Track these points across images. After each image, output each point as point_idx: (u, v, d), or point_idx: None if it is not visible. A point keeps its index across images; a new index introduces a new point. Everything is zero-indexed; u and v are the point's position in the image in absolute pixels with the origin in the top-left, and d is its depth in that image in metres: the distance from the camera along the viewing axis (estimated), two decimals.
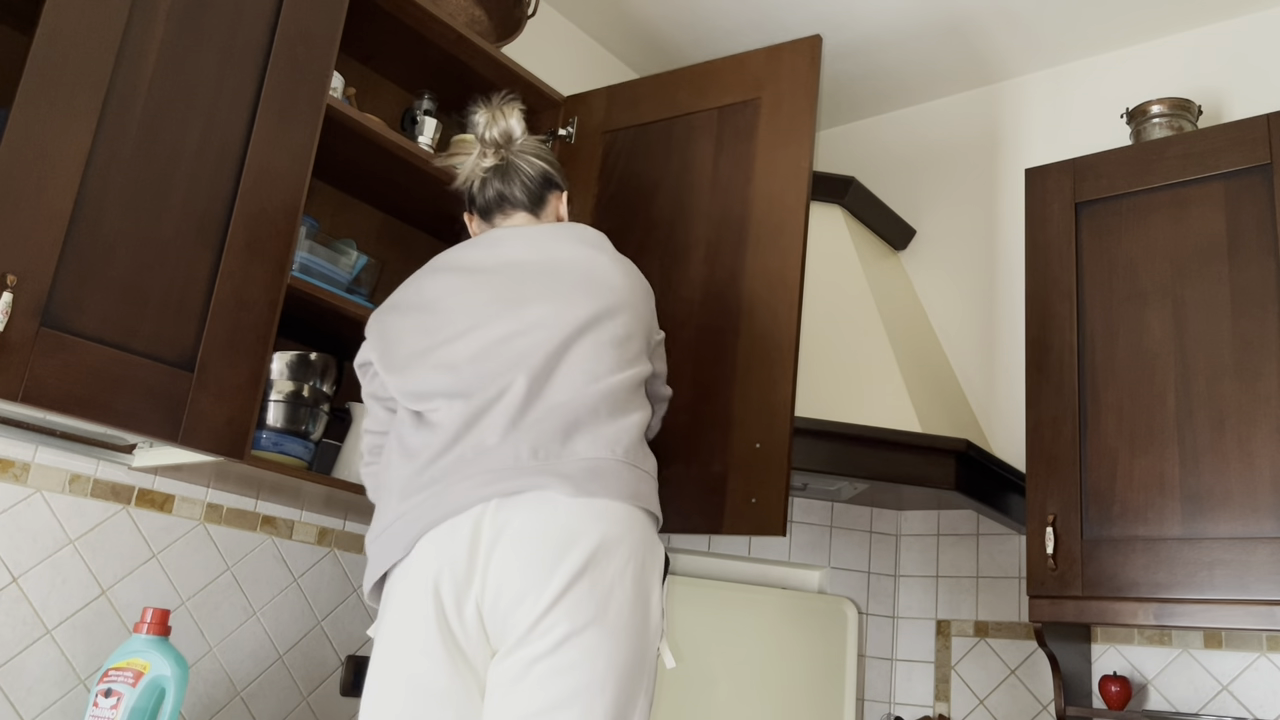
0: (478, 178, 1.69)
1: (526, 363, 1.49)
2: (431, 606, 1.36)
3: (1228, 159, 2.17)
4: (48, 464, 1.78)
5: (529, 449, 1.45)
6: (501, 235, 1.63)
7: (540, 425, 1.47)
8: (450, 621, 1.36)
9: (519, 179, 1.69)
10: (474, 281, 1.57)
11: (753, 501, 1.84)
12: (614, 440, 1.49)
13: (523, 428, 1.46)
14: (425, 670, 1.35)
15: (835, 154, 3.44)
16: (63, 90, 1.46)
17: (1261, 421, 2.00)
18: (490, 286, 1.56)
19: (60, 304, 1.44)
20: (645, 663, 1.39)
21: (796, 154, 2.00)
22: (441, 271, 1.61)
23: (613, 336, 1.55)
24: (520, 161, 1.70)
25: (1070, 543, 2.13)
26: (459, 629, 1.36)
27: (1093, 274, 2.29)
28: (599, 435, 1.49)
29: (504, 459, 1.43)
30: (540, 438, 1.46)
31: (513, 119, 1.69)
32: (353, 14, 2.14)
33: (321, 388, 1.88)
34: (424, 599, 1.37)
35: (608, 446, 1.48)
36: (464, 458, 1.43)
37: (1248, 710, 2.22)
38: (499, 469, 1.42)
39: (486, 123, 1.68)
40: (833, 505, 2.78)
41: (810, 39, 2.06)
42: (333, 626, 2.20)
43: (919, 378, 2.63)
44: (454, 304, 1.56)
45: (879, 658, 2.73)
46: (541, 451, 1.45)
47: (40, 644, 1.74)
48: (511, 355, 1.49)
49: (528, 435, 1.46)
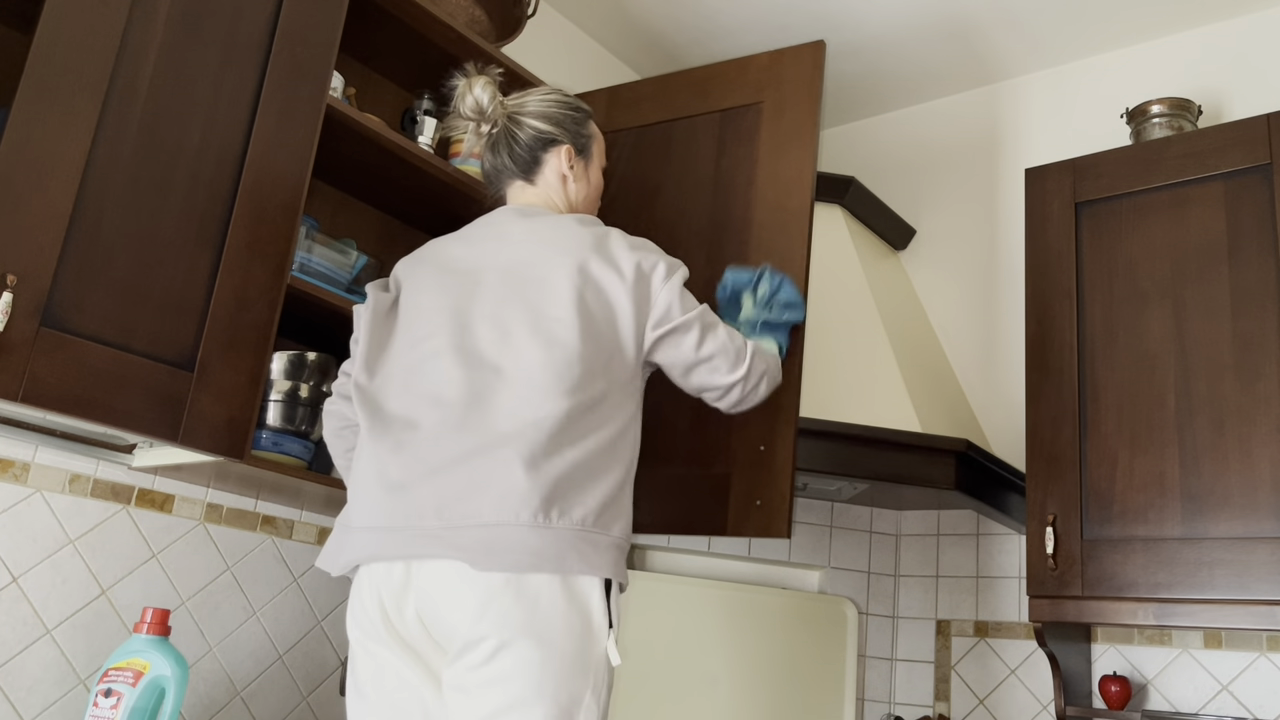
0: (475, 148, 1.71)
1: (441, 393, 1.45)
2: (378, 612, 1.41)
3: (1228, 159, 2.17)
4: (48, 464, 1.78)
5: (434, 506, 1.38)
6: (482, 231, 1.63)
7: (447, 476, 1.39)
8: (394, 624, 1.41)
9: (507, 147, 1.69)
10: (439, 283, 1.57)
11: (757, 504, 1.84)
12: (527, 496, 1.36)
13: (432, 475, 1.40)
14: (386, 661, 1.41)
15: (835, 154, 3.44)
16: (63, 90, 1.46)
17: (1261, 421, 2.00)
18: (449, 292, 1.56)
19: (60, 304, 1.44)
20: (588, 663, 1.36)
21: (800, 159, 2.00)
22: (425, 263, 1.62)
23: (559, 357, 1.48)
24: (512, 126, 1.69)
25: (1070, 543, 2.13)
26: (404, 630, 1.41)
27: (1093, 274, 2.29)
28: (509, 490, 1.36)
29: (410, 513, 1.39)
30: (446, 492, 1.38)
31: (477, 88, 1.66)
32: (353, 14, 2.14)
33: (322, 388, 1.88)
34: (371, 607, 1.42)
35: (516, 506, 1.35)
36: (390, 498, 1.41)
37: (1248, 710, 2.22)
38: (406, 528, 1.39)
39: (459, 96, 1.68)
40: (833, 505, 2.78)
41: (814, 44, 2.06)
42: (333, 626, 2.20)
43: (919, 378, 2.63)
44: (421, 304, 1.56)
45: (879, 658, 2.73)
46: (446, 511, 1.37)
47: (40, 644, 1.74)
48: (432, 381, 1.47)
49: (434, 487, 1.39)
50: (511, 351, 1.45)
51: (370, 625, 1.41)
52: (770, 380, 1.68)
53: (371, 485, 1.43)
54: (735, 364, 1.60)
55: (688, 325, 1.55)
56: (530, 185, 1.70)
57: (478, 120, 1.68)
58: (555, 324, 1.47)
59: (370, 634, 1.41)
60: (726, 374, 1.60)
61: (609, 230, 1.59)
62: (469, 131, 1.70)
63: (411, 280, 1.61)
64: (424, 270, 1.60)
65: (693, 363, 1.58)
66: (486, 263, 1.56)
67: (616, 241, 1.56)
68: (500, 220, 1.64)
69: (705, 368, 1.59)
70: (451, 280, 1.56)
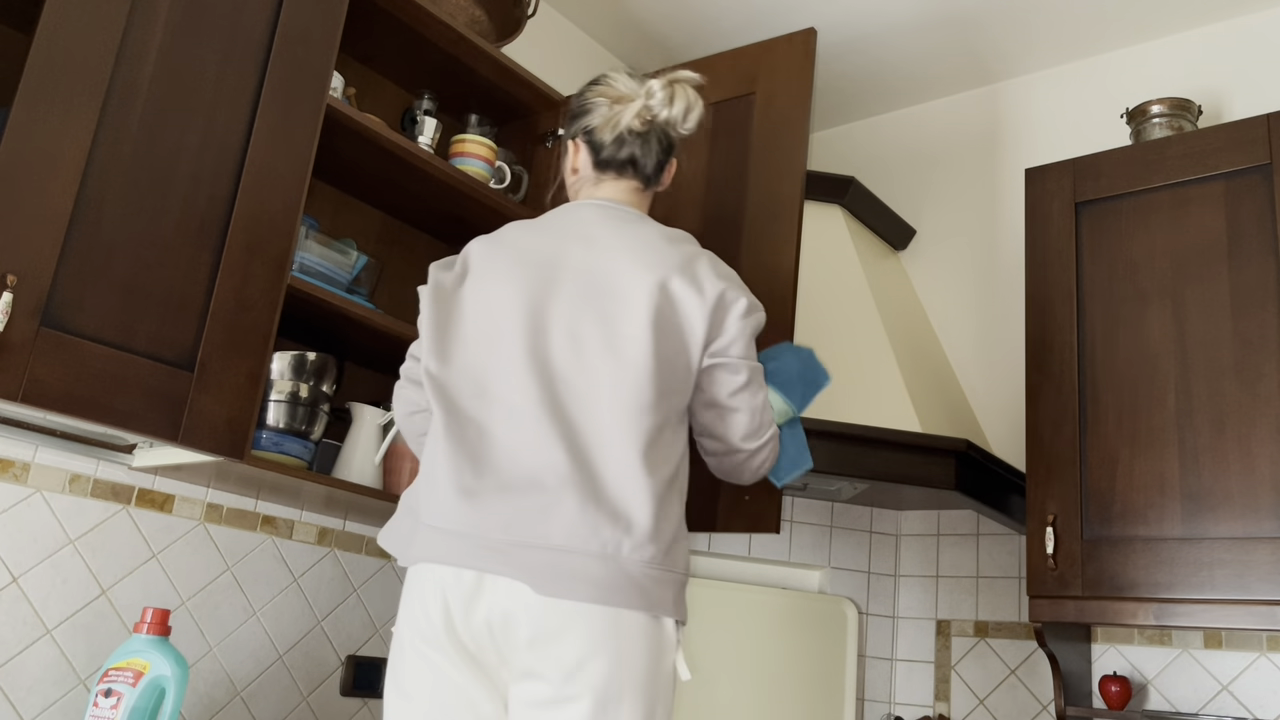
0: (618, 129, 1.59)
1: (516, 404, 1.41)
2: (440, 617, 1.35)
3: (1228, 159, 2.17)
4: (48, 464, 1.78)
5: (502, 521, 1.34)
6: (563, 224, 1.55)
7: (517, 494, 1.36)
8: (458, 630, 1.35)
9: (655, 150, 1.62)
10: (516, 275, 1.49)
11: (745, 499, 1.84)
12: (596, 525, 1.34)
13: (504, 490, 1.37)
14: (440, 667, 1.36)
15: (835, 154, 3.44)
16: (63, 90, 1.46)
17: (1261, 422, 2.00)
18: (525, 288, 1.48)
19: (60, 304, 1.44)
20: (661, 677, 1.36)
21: (790, 147, 1.99)
22: (503, 248, 1.53)
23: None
24: (670, 133, 1.63)
25: (1070, 543, 2.13)
26: (468, 637, 1.35)
27: (1093, 274, 2.29)
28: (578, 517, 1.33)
29: (479, 523, 1.35)
30: (518, 509, 1.35)
31: (695, 112, 1.61)
32: (353, 14, 2.14)
33: (321, 388, 1.88)
34: (435, 610, 1.36)
35: (589, 533, 1.33)
36: (462, 504, 1.37)
37: (1248, 710, 2.22)
38: (474, 536, 1.34)
39: (665, 100, 1.58)
40: (833, 505, 2.77)
41: (804, 32, 2.06)
42: (333, 626, 2.20)
43: (919, 378, 2.63)
44: (495, 295, 1.48)
45: (879, 658, 2.72)
46: (514, 528, 1.34)
47: (40, 644, 1.74)
48: (507, 389, 1.43)
49: (504, 502, 1.36)
50: (586, 368, 1.42)
51: (429, 629, 1.35)
52: (764, 472, 1.62)
53: (446, 486, 1.38)
54: (752, 434, 1.54)
55: (738, 368, 1.51)
56: (640, 189, 1.64)
57: (652, 121, 1.61)
58: (627, 342, 1.43)
59: (427, 638, 1.35)
60: (739, 437, 1.54)
61: (701, 252, 1.55)
62: (629, 107, 1.59)
63: (487, 264, 1.52)
64: (501, 257, 1.52)
65: (717, 403, 1.52)
66: (566, 262, 1.50)
67: (705, 265, 1.52)
68: (587, 218, 1.56)
69: (726, 415, 1.53)
70: (528, 274, 1.49)
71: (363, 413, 1.98)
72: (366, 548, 2.28)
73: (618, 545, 1.33)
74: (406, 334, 1.99)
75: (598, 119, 1.61)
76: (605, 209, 1.58)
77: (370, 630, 2.27)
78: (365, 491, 1.87)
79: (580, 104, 1.65)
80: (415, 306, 2.39)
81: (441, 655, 1.35)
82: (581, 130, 1.64)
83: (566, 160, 1.69)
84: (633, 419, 1.39)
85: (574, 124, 1.66)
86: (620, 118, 1.59)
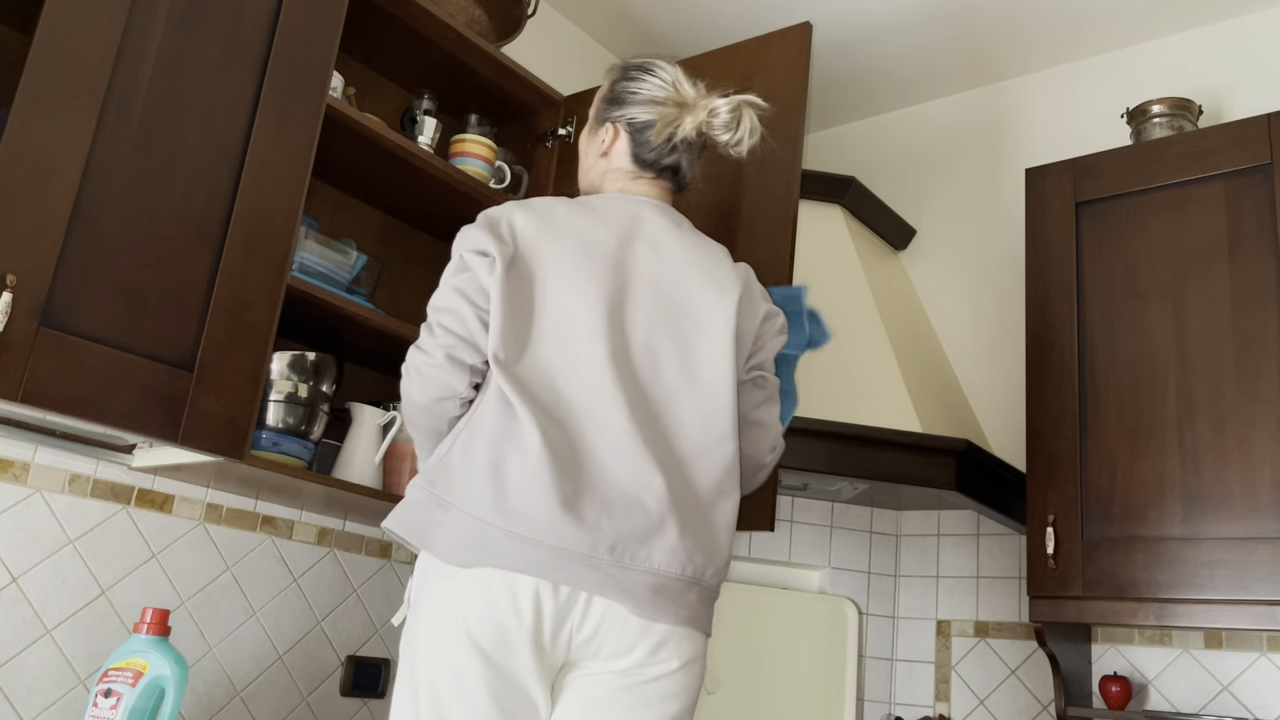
0: (674, 138, 1.55)
1: (608, 418, 1.35)
2: (530, 627, 1.28)
3: (1228, 159, 2.17)
4: (48, 464, 1.78)
5: (608, 542, 1.30)
6: (621, 217, 1.48)
7: (620, 514, 1.31)
8: (544, 643, 1.30)
9: (698, 162, 1.61)
10: (587, 268, 1.41)
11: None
12: (692, 552, 1.34)
13: (608, 509, 1.31)
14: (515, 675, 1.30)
15: (835, 154, 3.44)
16: (63, 90, 1.46)
17: (1261, 421, 2.00)
18: (600, 286, 1.41)
19: (60, 304, 1.44)
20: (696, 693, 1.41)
21: (786, 143, 1.99)
22: (563, 234, 1.44)
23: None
24: (710, 144, 1.61)
25: (1070, 543, 2.13)
26: (552, 650, 1.32)
27: (1093, 274, 2.29)
28: (677, 542, 1.32)
29: (584, 542, 1.28)
30: (621, 530, 1.31)
31: (754, 139, 1.57)
32: (353, 14, 2.14)
33: (321, 388, 1.88)
34: (528, 617, 1.28)
35: (685, 557, 1.33)
36: (564, 519, 1.29)
37: (1248, 710, 2.22)
38: (578, 555, 1.28)
39: (729, 123, 1.55)
40: (833, 505, 2.77)
41: (800, 27, 2.05)
42: (333, 626, 2.20)
43: (919, 378, 2.63)
44: (568, 288, 1.39)
45: (879, 658, 2.72)
46: (619, 550, 1.30)
47: (40, 644, 1.74)
48: (595, 397, 1.35)
49: (610, 521, 1.30)
50: (667, 386, 1.40)
51: (505, 637, 1.27)
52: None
53: (542, 494, 1.28)
54: (774, 448, 1.57)
55: (766, 383, 1.53)
56: (674, 193, 1.62)
57: (701, 140, 1.58)
58: (705, 366, 1.41)
59: (503, 645, 1.27)
60: (765, 451, 1.56)
61: (747, 268, 1.57)
62: (691, 116, 1.55)
63: (547, 248, 1.43)
64: (563, 243, 1.43)
65: (747, 419, 1.51)
66: (635, 266, 1.45)
67: (756, 284, 1.55)
68: (646, 219, 1.50)
69: (752, 431, 1.52)
70: (602, 273, 1.41)
71: (363, 413, 1.98)
72: (366, 548, 2.28)
73: (703, 570, 1.36)
74: (406, 334, 1.98)
75: (650, 115, 1.55)
76: (662, 211, 1.53)
77: (370, 630, 2.27)
78: (365, 491, 1.87)
79: (629, 92, 1.58)
80: (415, 307, 2.39)
81: (517, 664, 1.28)
82: (625, 120, 1.57)
83: (595, 140, 1.62)
84: (717, 445, 1.40)
85: (617, 109, 1.59)
86: (679, 125, 1.55)
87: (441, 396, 1.40)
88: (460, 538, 1.29)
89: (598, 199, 1.53)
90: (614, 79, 1.63)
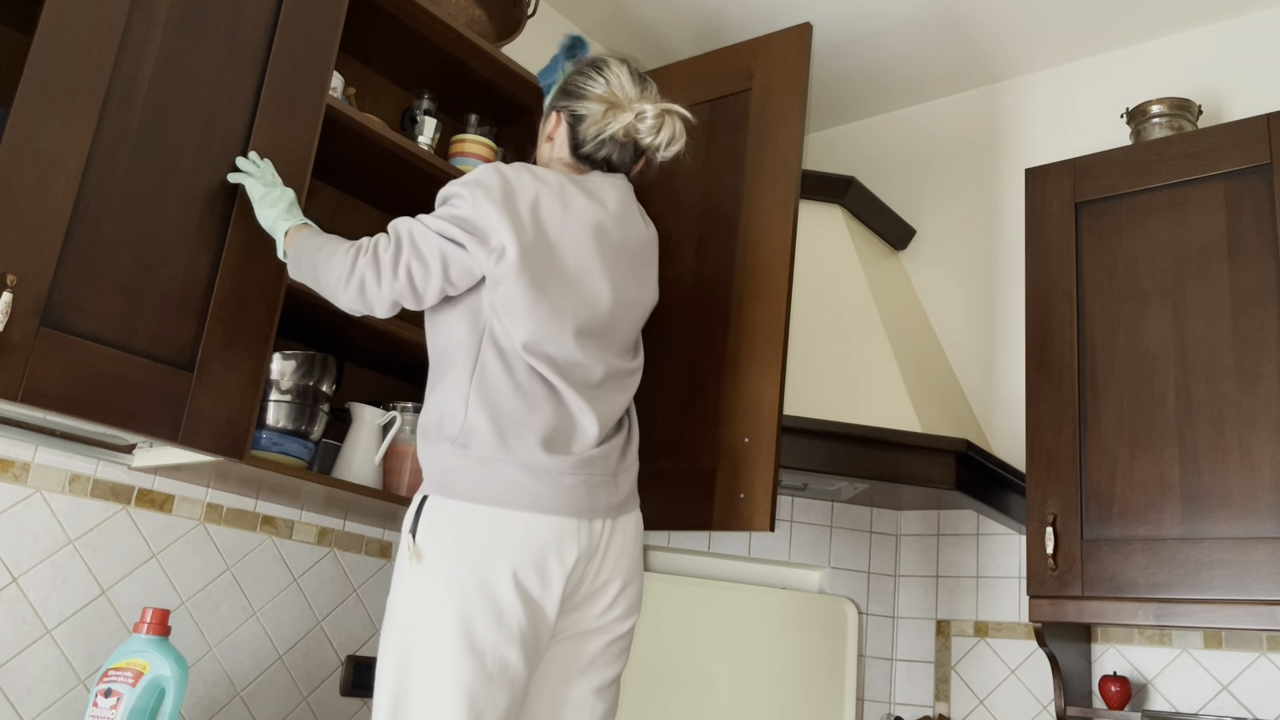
0: (602, 135, 1.66)
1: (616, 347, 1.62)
2: (569, 575, 1.47)
3: (1228, 159, 2.17)
4: (48, 464, 1.78)
5: (617, 458, 1.59)
6: (618, 207, 1.66)
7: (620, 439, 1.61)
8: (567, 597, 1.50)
9: (630, 156, 1.71)
10: (604, 258, 1.61)
11: (741, 497, 1.84)
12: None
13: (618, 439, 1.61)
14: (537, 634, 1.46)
15: (835, 154, 3.44)
16: (63, 90, 1.46)
17: (1261, 421, 2.00)
18: (614, 274, 1.62)
19: (60, 304, 1.44)
20: None
21: (786, 143, 1.99)
22: (579, 221, 1.59)
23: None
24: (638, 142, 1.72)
25: (1070, 543, 2.13)
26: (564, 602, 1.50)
27: (1093, 274, 2.29)
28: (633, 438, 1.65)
29: (609, 467, 1.55)
30: (617, 449, 1.59)
31: (676, 146, 1.67)
32: (353, 14, 2.14)
33: (321, 388, 1.88)
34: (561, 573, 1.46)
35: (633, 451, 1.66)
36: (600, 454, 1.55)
37: (1248, 710, 2.22)
38: (608, 477, 1.54)
39: (652, 128, 1.65)
40: (833, 505, 2.78)
41: (800, 27, 2.05)
42: (333, 626, 2.20)
43: (919, 378, 2.63)
44: (591, 274, 1.59)
45: (879, 658, 2.73)
46: (623, 463, 1.59)
47: (40, 644, 1.74)
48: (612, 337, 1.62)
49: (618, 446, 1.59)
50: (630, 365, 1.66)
51: (565, 583, 1.46)
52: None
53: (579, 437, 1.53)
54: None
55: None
56: (624, 180, 1.72)
57: (628, 139, 1.67)
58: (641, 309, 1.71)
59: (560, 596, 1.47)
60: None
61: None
62: (635, 116, 1.65)
63: (569, 237, 1.58)
64: (581, 232, 1.59)
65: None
66: (638, 256, 1.68)
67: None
68: (631, 217, 1.68)
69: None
70: (612, 259, 1.62)
71: (363, 413, 1.98)
72: (366, 547, 2.28)
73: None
74: (406, 334, 1.99)
75: (586, 110, 1.67)
76: (626, 196, 1.69)
77: (370, 630, 2.27)
78: (365, 491, 1.87)
79: (578, 86, 1.70)
80: None
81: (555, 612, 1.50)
82: (569, 111, 1.69)
83: (546, 124, 1.74)
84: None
85: (564, 99, 1.71)
86: (607, 126, 1.65)
87: (360, 311, 1.55)
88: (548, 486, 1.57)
89: (592, 177, 1.68)
90: (574, 71, 1.75)
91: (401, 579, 1.45)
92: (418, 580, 1.42)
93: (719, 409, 1.89)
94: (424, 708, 1.36)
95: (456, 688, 1.36)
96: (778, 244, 1.93)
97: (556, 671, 1.53)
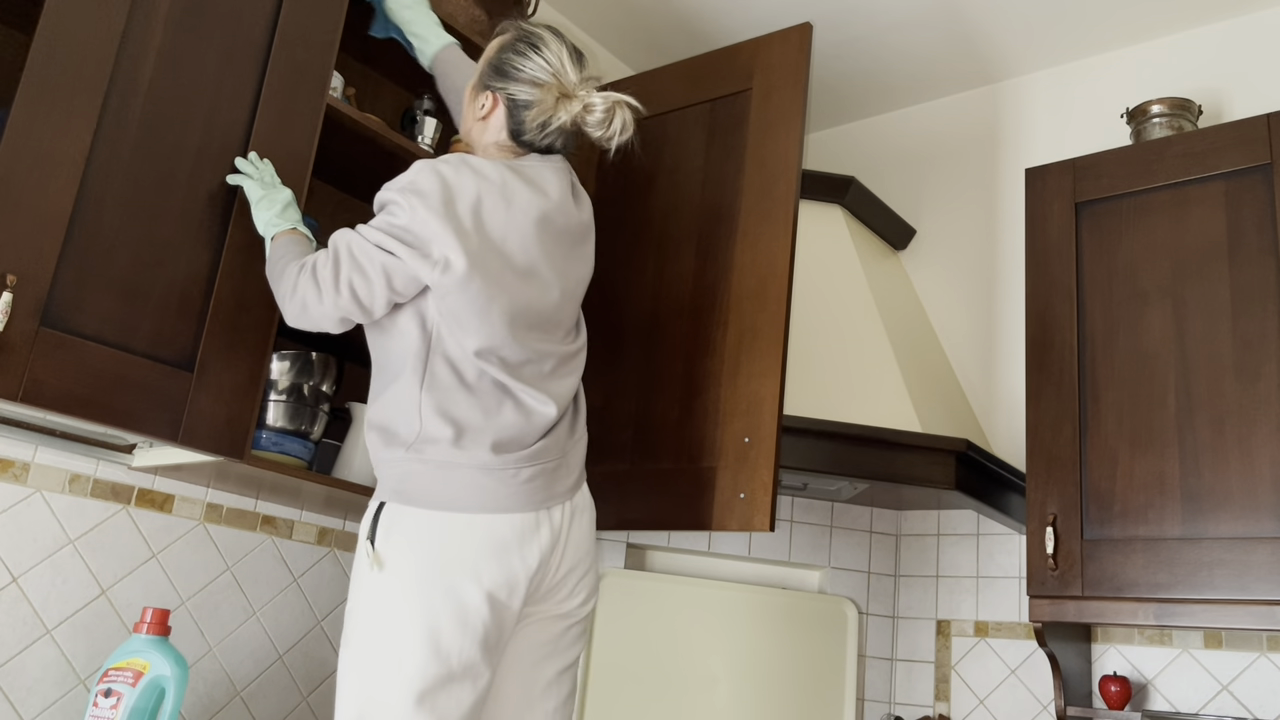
0: (546, 120, 1.61)
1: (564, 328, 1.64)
2: (533, 574, 1.48)
3: (1228, 159, 2.17)
4: (48, 464, 1.78)
5: (566, 434, 1.60)
6: (559, 193, 1.63)
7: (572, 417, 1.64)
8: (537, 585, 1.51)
9: (574, 141, 1.69)
10: (550, 251, 1.61)
11: (741, 497, 1.84)
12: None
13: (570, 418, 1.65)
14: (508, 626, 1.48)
15: (835, 154, 3.44)
16: (63, 90, 1.46)
17: (1261, 421, 2.00)
18: (556, 264, 1.62)
19: (60, 304, 1.44)
20: None
21: (786, 143, 1.99)
22: (521, 213, 1.56)
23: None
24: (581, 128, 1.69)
25: (1070, 543, 2.13)
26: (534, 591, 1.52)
27: (1093, 274, 2.29)
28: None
29: (560, 447, 1.57)
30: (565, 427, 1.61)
31: (623, 137, 1.64)
32: (352, 14, 2.14)
33: (321, 388, 1.88)
34: (525, 573, 1.47)
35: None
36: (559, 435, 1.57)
37: (1248, 710, 2.22)
38: (560, 458, 1.56)
39: (601, 120, 1.62)
40: (833, 505, 2.78)
41: (800, 27, 2.05)
42: (333, 626, 2.20)
43: (919, 378, 2.63)
44: (539, 269, 1.58)
45: (879, 658, 2.73)
46: (572, 438, 1.61)
47: (40, 644, 1.74)
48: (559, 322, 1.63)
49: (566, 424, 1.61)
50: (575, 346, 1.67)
51: (529, 582, 1.48)
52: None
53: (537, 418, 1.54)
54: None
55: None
56: (563, 162, 1.69)
57: (575, 128, 1.65)
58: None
59: (525, 595, 1.48)
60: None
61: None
62: (573, 107, 1.62)
63: (510, 229, 1.53)
64: (527, 227, 1.55)
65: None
66: (578, 243, 1.67)
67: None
68: (570, 200, 1.67)
69: None
70: (555, 248, 1.60)
71: (362, 413, 1.98)
72: None
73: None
74: None
75: (529, 96, 1.60)
76: (565, 180, 1.67)
77: None
78: (365, 491, 1.87)
79: (513, 66, 1.62)
80: None
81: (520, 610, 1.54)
82: (506, 94, 1.62)
83: (476, 102, 1.67)
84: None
85: (499, 80, 1.63)
86: (554, 118, 1.61)
87: (309, 328, 1.55)
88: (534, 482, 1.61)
89: (528, 161, 1.63)
90: (501, 45, 1.66)
91: (361, 587, 1.42)
92: (379, 588, 1.40)
93: (719, 409, 1.89)
94: (389, 713, 1.36)
95: (423, 691, 1.36)
96: (778, 244, 1.93)
97: (523, 657, 1.56)
